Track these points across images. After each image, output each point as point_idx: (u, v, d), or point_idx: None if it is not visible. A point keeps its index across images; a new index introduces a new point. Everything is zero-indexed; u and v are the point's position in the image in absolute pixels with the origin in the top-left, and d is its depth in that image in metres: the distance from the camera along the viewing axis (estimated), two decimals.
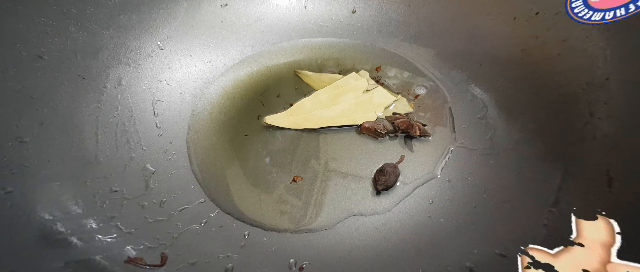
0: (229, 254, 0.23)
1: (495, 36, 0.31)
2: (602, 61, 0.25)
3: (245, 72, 0.33)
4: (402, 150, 0.28)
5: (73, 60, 0.26)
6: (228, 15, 0.34)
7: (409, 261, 0.23)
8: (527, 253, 0.16)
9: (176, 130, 0.29)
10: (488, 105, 0.29)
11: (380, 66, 0.33)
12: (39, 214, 0.21)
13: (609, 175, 0.22)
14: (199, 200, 0.26)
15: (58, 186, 0.23)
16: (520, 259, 0.16)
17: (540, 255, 0.16)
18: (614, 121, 0.24)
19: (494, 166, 0.26)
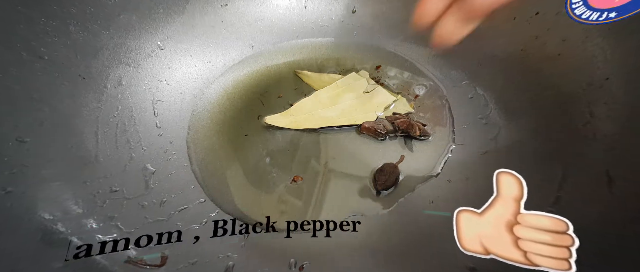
0: (229, 254, 0.23)
1: (495, 36, 0.31)
2: (602, 61, 0.25)
3: (245, 72, 0.33)
4: (402, 150, 0.28)
5: (73, 60, 0.26)
6: (228, 15, 0.34)
7: (409, 261, 0.23)
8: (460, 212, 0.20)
9: (176, 131, 0.29)
10: (488, 105, 0.29)
11: (380, 66, 0.33)
12: (39, 214, 0.21)
13: (609, 175, 0.22)
14: (199, 200, 0.26)
15: (58, 186, 0.23)
16: (455, 216, 0.20)
17: (470, 214, 0.20)
18: (614, 121, 0.24)
19: (494, 166, 0.26)
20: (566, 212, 0.22)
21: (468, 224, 0.20)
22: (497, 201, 0.20)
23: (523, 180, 0.20)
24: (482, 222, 0.19)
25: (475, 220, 0.20)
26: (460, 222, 0.20)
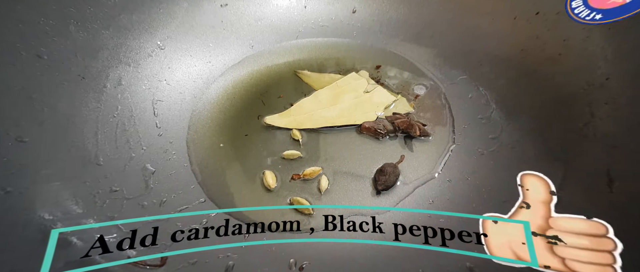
0: (228, 254, 0.23)
1: (496, 36, 0.31)
2: (602, 61, 0.25)
3: (245, 72, 0.33)
4: (402, 150, 0.28)
5: (73, 60, 0.26)
6: (228, 15, 0.34)
7: (409, 261, 0.23)
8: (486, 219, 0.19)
9: (176, 131, 0.29)
10: (488, 105, 0.29)
11: (380, 66, 0.33)
12: (39, 214, 0.21)
13: (609, 175, 0.22)
14: (199, 200, 0.26)
15: (58, 186, 0.23)
16: (482, 223, 0.18)
17: (496, 219, 0.18)
18: (614, 121, 0.24)
19: (494, 166, 0.26)
20: (566, 212, 0.22)
21: (495, 230, 0.18)
22: (524, 205, 0.18)
23: (550, 180, 0.18)
24: (510, 228, 0.18)
25: (502, 226, 0.18)
26: (487, 228, 0.18)
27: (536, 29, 0.29)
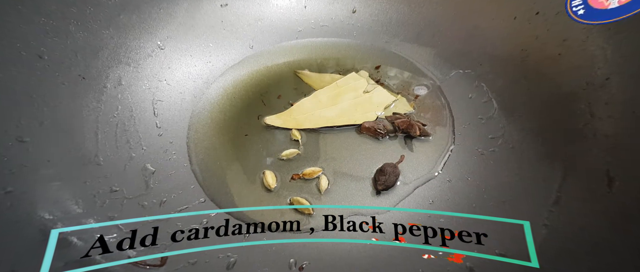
0: (228, 254, 0.23)
1: (495, 36, 0.31)
2: (602, 61, 0.25)
3: (245, 72, 0.33)
4: (402, 150, 0.28)
5: (73, 60, 0.26)
6: (228, 15, 0.34)
7: (408, 261, 0.23)
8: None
9: (176, 131, 0.29)
10: (488, 105, 0.29)
11: (380, 66, 0.33)
12: (39, 214, 0.21)
13: (609, 175, 0.22)
14: (199, 200, 0.26)
15: (58, 186, 0.23)
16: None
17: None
18: (614, 121, 0.24)
19: (494, 166, 0.26)
20: (566, 212, 0.22)
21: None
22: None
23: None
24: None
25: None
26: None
27: (536, 29, 0.29)
